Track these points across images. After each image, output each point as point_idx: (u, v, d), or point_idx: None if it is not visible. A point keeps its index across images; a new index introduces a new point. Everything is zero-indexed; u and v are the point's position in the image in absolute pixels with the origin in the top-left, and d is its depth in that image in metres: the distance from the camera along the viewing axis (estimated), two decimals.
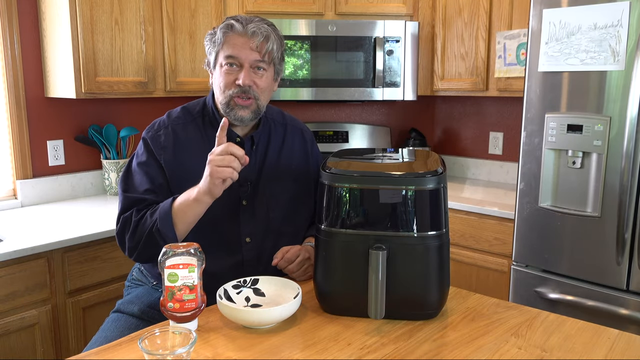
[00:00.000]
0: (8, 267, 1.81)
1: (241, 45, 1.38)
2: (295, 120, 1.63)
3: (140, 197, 1.40)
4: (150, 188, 1.40)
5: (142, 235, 1.35)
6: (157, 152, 1.43)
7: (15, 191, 2.42)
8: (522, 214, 2.12)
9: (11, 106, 2.35)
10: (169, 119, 1.49)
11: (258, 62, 1.40)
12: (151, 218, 1.35)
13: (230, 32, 1.39)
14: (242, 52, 1.38)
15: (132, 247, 1.38)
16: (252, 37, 1.37)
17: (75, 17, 2.20)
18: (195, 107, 1.51)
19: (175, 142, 1.44)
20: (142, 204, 1.39)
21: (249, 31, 1.37)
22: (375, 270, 1.13)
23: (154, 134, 1.46)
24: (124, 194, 1.42)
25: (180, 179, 1.41)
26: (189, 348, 0.94)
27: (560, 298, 2.03)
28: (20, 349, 1.87)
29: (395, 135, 3.31)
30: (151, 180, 1.41)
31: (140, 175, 1.42)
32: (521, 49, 2.49)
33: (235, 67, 1.39)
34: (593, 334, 1.16)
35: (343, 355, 1.06)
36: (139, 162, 1.44)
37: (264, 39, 1.38)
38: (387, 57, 2.72)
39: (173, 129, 1.46)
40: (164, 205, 1.35)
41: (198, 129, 1.47)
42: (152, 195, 1.40)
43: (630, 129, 1.79)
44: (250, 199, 1.46)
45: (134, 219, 1.37)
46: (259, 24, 1.39)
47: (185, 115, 1.49)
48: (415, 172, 1.19)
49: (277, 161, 1.52)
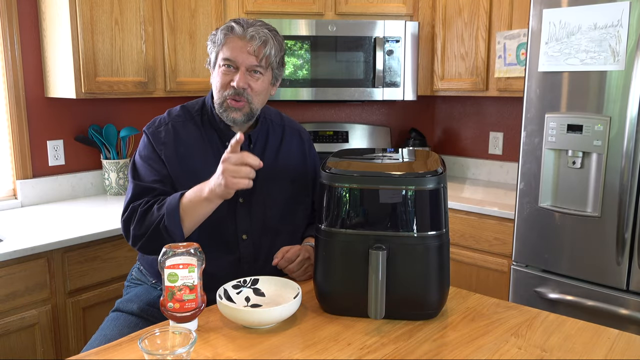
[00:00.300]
0: (8, 267, 1.81)
1: (239, 48, 1.39)
2: (293, 122, 1.65)
3: (149, 185, 1.41)
4: (158, 178, 1.42)
5: (148, 229, 1.35)
6: (158, 147, 1.45)
7: (15, 191, 2.42)
8: (522, 214, 2.12)
9: (11, 106, 2.35)
10: (169, 116, 1.51)
11: (255, 67, 1.41)
12: (158, 212, 1.35)
13: (230, 34, 1.41)
14: (239, 56, 1.40)
15: (137, 236, 1.38)
16: (250, 40, 1.39)
17: (75, 17, 2.20)
18: (195, 106, 1.53)
19: (176, 139, 1.46)
20: (152, 192, 1.41)
21: (248, 35, 1.39)
22: (375, 270, 1.13)
23: (155, 130, 1.48)
24: (134, 181, 1.43)
25: (181, 175, 1.43)
26: (189, 348, 0.94)
27: (560, 298, 2.03)
28: (20, 349, 1.87)
29: (395, 135, 3.31)
30: (157, 172, 1.43)
31: (146, 168, 1.44)
32: (521, 49, 2.49)
33: (232, 68, 1.41)
34: (593, 334, 1.16)
35: (343, 355, 1.06)
36: (142, 156, 1.46)
37: (262, 43, 1.40)
38: (387, 57, 2.72)
39: (173, 126, 1.48)
40: (171, 201, 1.35)
41: (197, 127, 1.49)
42: (160, 185, 1.41)
43: (630, 129, 1.79)
44: (247, 197, 1.47)
45: (141, 209, 1.37)
46: (258, 29, 1.40)
47: (185, 114, 1.51)
48: (415, 172, 1.19)
49: (274, 161, 1.53)
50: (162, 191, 1.41)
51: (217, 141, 1.48)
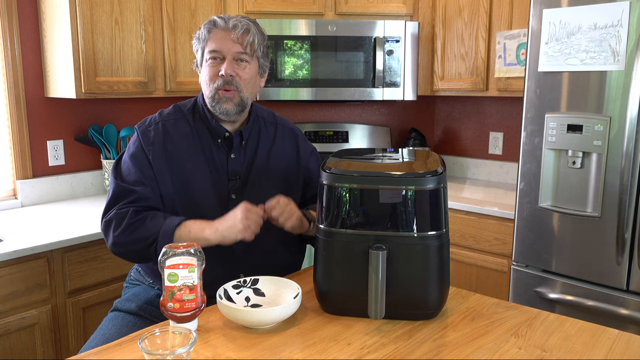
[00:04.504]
0: (8, 267, 1.81)
1: (223, 38, 1.43)
2: (286, 121, 1.66)
3: (130, 188, 1.43)
4: (140, 180, 1.43)
5: (136, 244, 1.37)
6: (147, 147, 1.46)
7: (15, 191, 2.42)
8: (522, 214, 2.12)
9: (11, 106, 2.35)
10: (160, 116, 1.53)
11: (240, 54, 1.44)
12: (152, 230, 1.36)
13: (213, 27, 1.45)
14: (224, 45, 1.43)
15: (119, 243, 1.40)
16: (233, 29, 1.43)
17: (75, 17, 2.20)
18: (187, 105, 1.56)
19: (165, 138, 1.47)
20: (132, 195, 1.42)
21: (230, 24, 1.43)
22: (375, 270, 1.13)
23: (145, 129, 1.50)
24: (115, 180, 1.46)
25: (168, 174, 1.45)
26: (189, 348, 0.94)
27: (560, 298, 2.03)
28: (20, 349, 1.87)
29: (395, 135, 3.31)
30: (141, 172, 1.44)
31: (130, 166, 1.46)
32: (521, 49, 2.49)
33: (218, 60, 1.44)
34: (593, 334, 1.16)
35: (343, 355, 1.06)
36: (130, 154, 1.48)
37: (244, 31, 1.43)
38: (387, 57, 2.72)
39: (163, 125, 1.49)
40: (168, 228, 1.36)
41: (188, 124, 1.51)
42: (141, 187, 1.43)
43: (630, 129, 1.79)
44: (239, 194, 1.49)
45: (129, 220, 1.38)
46: (240, 19, 1.45)
47: (177, 112, 1.53)
48: (415, 172, 1.19)
49: (267, 158, 1.54)
50: (142, 195, 1.42)
51: (208, 138, 1.49)
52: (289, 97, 2.71)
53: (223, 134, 1.49)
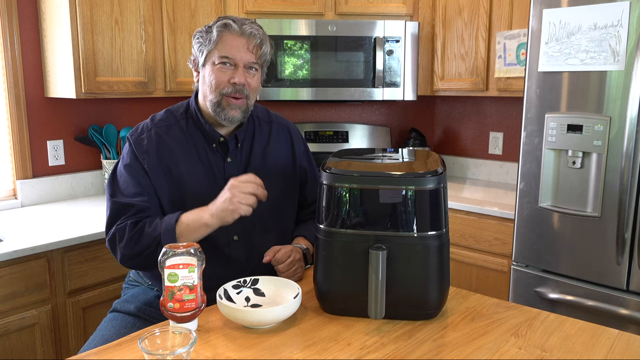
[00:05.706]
0: (8, 267, 1.81)
1: (238, 46, 1.39)
2: (281, 118, 1.63)
3: (128, 202, 1.39)
4: (138, 191, 1.40)
5: (144, 250, 1.35)
6: (141, 156, 1.43)
7: (15, 191, 2.42)
8: (522, 214, 2.12)
9: (11, 106, 2.35)
10: (152, 122, 1.49)
11: (252, 64, 1.42)
12: (153, 233, 1.35)
13: (226, 31, 1.40)
14: (237, 53, 1.40)
15: (127, 255, 1.38)
16: (250, 38, 1.40)
17: (75, 17, 2.20)
18: (179, 109, 1.52)
19: (159, 146, 1.44)
20: (131, 210, 1.39)
21: (246, 32, 1.40)
22: (375, 270, 1.13)
23: (137, 137, 1.46)
24: (112, 198, 1.42)
25: (165, 182, 1.42)
26: (189, 348, 0.94)
27: (560, 298, 2.03)
28: (20, 349, 1.87)
29: (395, 135, 3.31)
30: (138, 182, 1.41)
31: (127, 178, 1.42)
32: (521, 49, 2.49)
33: (228, 65, 1.41)
34: (593, 334, 1.16)
35: (343, 355, 1.06)
36: (124, 165, 1.44)
37: (260, 42, 1.42)
38: (387, 57, 2.72)
39: (156, 132, 1.46)
40: (168, 224, 1.35)
41: (181, 130, 1.47)
42: (139, 199, 1.40)
43: (630, 129, 1.79)
44: None
45: (129, 234, 1.36)
46: (253, 26, 1.42)
47: (169, 117, 1.50)
48: (415, 172, 1.19)
49: (262, 158, 1.52)
50: (141, 207, 1.39)
51: (202, 143, 1.47)
52: (289, 97, 2.71)
53: (218, 138, 1.46)
